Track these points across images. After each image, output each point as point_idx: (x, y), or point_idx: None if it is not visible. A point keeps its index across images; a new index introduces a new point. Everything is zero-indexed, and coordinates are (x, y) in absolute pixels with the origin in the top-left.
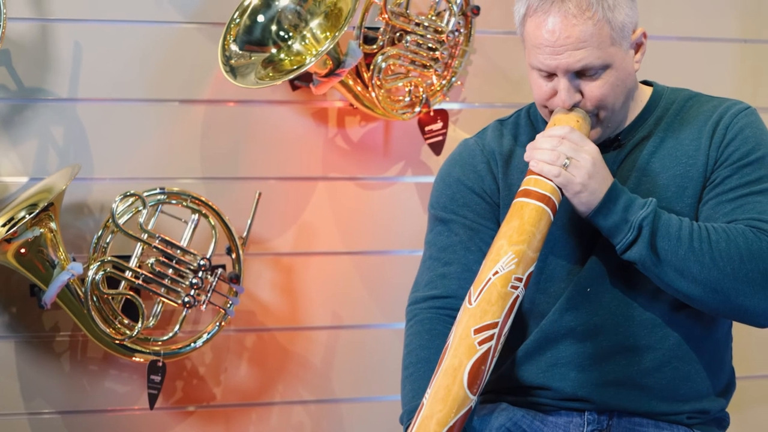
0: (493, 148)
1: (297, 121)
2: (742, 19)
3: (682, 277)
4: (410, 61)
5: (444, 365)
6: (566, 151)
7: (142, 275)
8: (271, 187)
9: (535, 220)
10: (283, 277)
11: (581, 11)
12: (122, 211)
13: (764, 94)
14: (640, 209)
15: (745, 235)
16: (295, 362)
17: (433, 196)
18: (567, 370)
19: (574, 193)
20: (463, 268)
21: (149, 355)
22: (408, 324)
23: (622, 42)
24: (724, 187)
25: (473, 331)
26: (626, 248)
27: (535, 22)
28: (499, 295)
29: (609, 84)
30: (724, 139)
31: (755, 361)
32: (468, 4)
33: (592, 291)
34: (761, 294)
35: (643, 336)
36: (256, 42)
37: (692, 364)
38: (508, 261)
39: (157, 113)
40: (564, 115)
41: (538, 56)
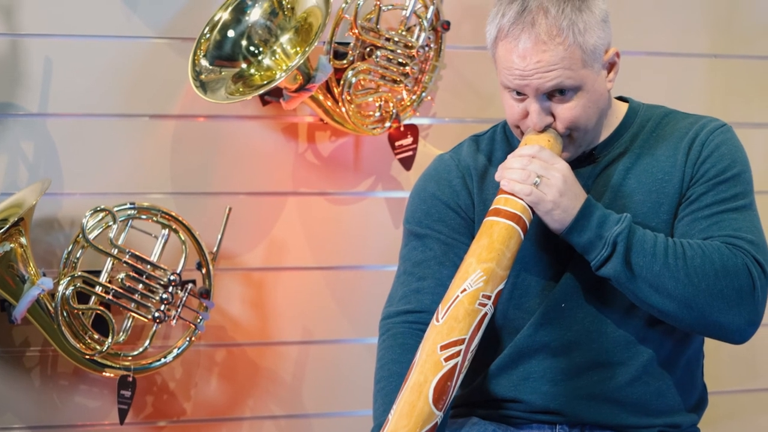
0: (468, 163)
1: (267, 136)
2: (712, 34)
3: (656, 293)
4: (380, 76)
5: (410, 381)
6: (537, 170)
7: (112, 290)
8: (242, 202)
9: (505, 239)
10: (253, 292)
11: (551, 37)
12: (92, 226)
13: (734, 109)
14: (614, 225)
15: (721, 252)
16: (265, 377)
17: (408, 211)
18: (539, 383)
19: (546, 211)
20: (437, 283)
21: (119, 370)
22: (381, 338)
23: (594, 64)
24: (700, 203)
25: (439, 347)
26: (601, 264)
27: (506, 46)
28: (466, 312)
29: (581, 106)
30: (699, 156)
31: (726, 377)
32: (438, 19)
33: (566, 307)
34: (735, 310)
35: (616, 352)
36: (227, 57)
37: (664, 380)
38: (477, 279)
39: (127, 128)
40: (535, 135)
41: (509, 77)
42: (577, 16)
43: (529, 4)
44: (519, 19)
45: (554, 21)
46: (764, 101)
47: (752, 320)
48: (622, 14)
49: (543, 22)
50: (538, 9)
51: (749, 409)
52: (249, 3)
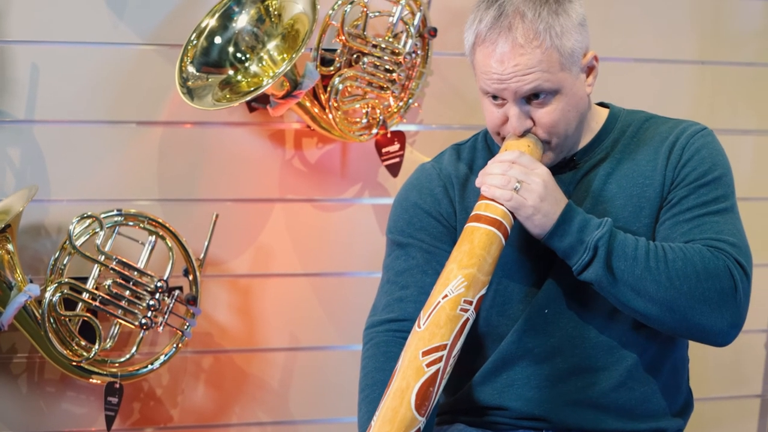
0: (449, 171)
1: (254, 142)
2: (699, 41)
3: (638, 297)
4: (367, 83)
5: (392, 387)
6: (517, 175)
7: (99, 297)
8: (228, 208)
9: (486, 244)
10: (240, 298)
11: (528, 40)
12: (79, 232)
13: (721, 115)
14: (595, 229)
15: (702, 254)
16: (252, 384)
17: (390, 220)
18: (524, 390)
19: (527, 216)
20: (420, 291)
21: (106, 376)
22: (364, 347)
23: (572, 67)
24: (681, 207)
25: (421, 353)
26: (582, 269)
27: (483, 51)
28: (448, 318)
29: (559, 110)
30: (680, 160)
31: (712, 384)
32: (425, 26)
33: (549, 312)
34: (718, 313)
35: (600, 357)
36: (213, 64)
37: (649, 385)
38: (458, 284)
39: (114, 135)
40: (515, 141)
41: (487, 82)
42: (554, 20)
43: (505, 8)
44: (496, 23)
45: (531, 25)
46: (751, 107)
47: (735, 322)
48: (609, 20)
49: (520, 26)
50: (514, 13)
51: (735, 415)
52: (236, 9)
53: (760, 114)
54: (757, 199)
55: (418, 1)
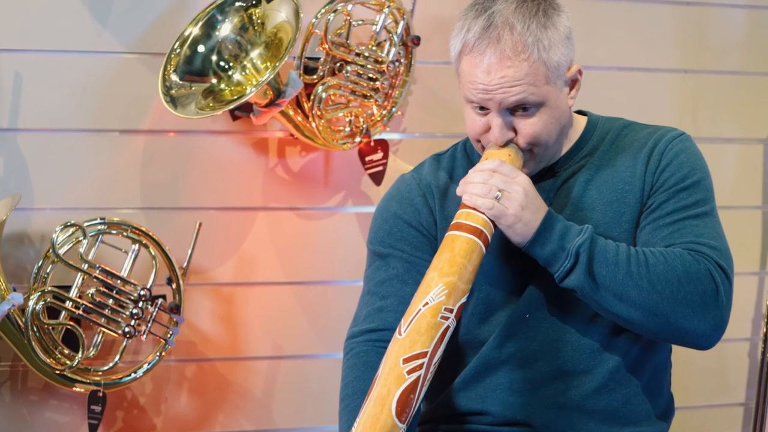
0: (429, 181)
1: (237, 151)
2: (682, 50)
3: (621, 302)
4: (351, 92)
5: (373, 394)
6: (498, 184)
7: (82, 305)
8: (212, 217)
9: (466, 252)
10: (223, 307)
11: (516, 53)
12: (63, 241)
13: (705, 123)
14: (576, 236)
15: (683, 258)
16: (235, 392)
17: (371, 231)
18: (505, 395)
19: (508, 225)
20: (400, 301)
21: (90, 385)
22: (345, 358)
23: (557, 80)
24: (661, 211)
25: (402, 360)
26: (564, 276)
27: (470, 61)
28: (428, 326)
29: (542, 122)
30: (659, 165)
31: (696, 392)
32: (408, 35)
33: (531, 318)
34: (700, 316)
35: (582, 361)
36: (197, 72)
37: (630, 387)
38: (439, 292)
39: (97, 143)
40: (496, 150)
41: (472, 92)
42: (543, 33)
43: (494, 19)
44: (484, 34)
45: (519, 37)
46: (734, 116)
47: (717, 325)
48: (592, 29)
49: (509, 38)
50: (503, 25)
51: (719, 423)
52: (219, 18)
53: (743, 122)
54: (740, 208)
55: (401, 10)
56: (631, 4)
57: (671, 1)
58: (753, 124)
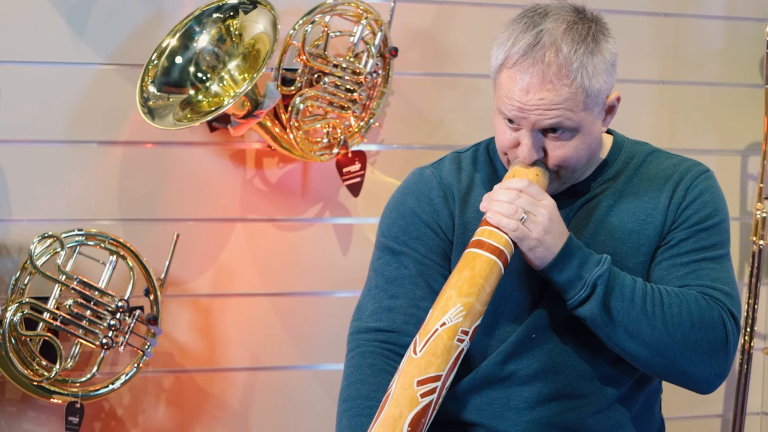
0: (450, 182)
1: (215, 162)
2: (660, 61)
3: (631, 339)
4: (328, 103)
5: (384, 414)
6: (524, 205)
7: (60, 317)
8: (189, 228)
9: (487, 273)
10: (201, 318)
11: (559, 77)
12: (40, 252)
13: (682, 133)
14: (594, 267)
15: (698, 302)
16: (213, 404)
17: (384, 223)
18: (502, 410)
19: (530, 248)
20: (410, 303)
21: (67, 396)
22: (350, 354)
23: (595, 108)
24: (680, 249)
25: (417, 382)
26: (578, 304)
27: (510, 75)
28: (445, 348)
29: (574, 147)
30: (683, 201)
31: (677, 403)
32: (386, 46)
33: (536, 338)
34: (707, 362)
35: (580, 386)
36: (174, 83)
37: (623, 414)
38: (456, 313)
39: (75, 154)
40: (524, 168)
41: (507, 107)
42: (588, 60)
43: (542, 38)
44: (530, 52)
45: (565, 61)
46: (712, 127)
47: (721, 373)
48: None
49: (554, 61)
50: (551, 45)
51: None
52: (197, 29)
53: (721, 134)
54: None
55: (379, 21)
56: (608, 15)
57: (649, 12)
58: (730, 136)
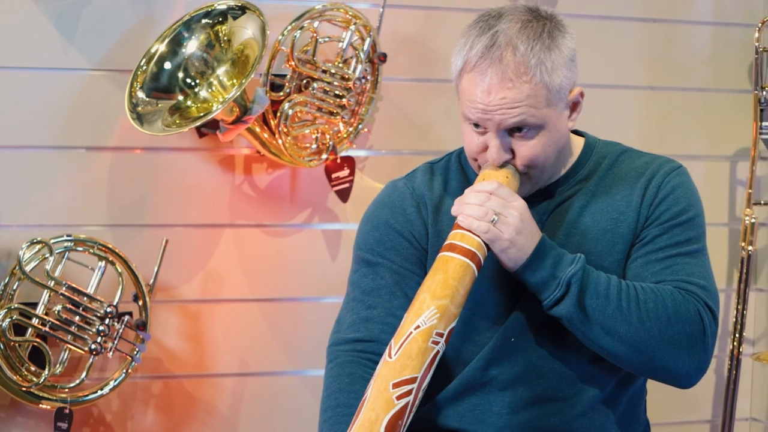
0: (423, 192)
1: (204, 168)
2: (649, 67)
3: (608, 336)
4: (317, 108)
5: (361, 418)
6: (495, 207)
7: (49, 322)
8: (178, 234)
9: (460, 275)
10: (190, 324)
11: (518, 75)
12: (29, 258)
13: (670, 139)
14: (568, 266)
15: (674, 297)
16: (202, 409)
17: (359, 236)
18: (485, 415)
19: (502, 249)
20: (387, 313)
21: (56, 402)
22: (329, 365)
23: (558, 103)
24: (654, 246)
25: (392, 385)
26: (553, 304)
27: (471, 79)
28: (419, 350)
29: (541, 144)
30: (656, 198)
31: (666, 409)
32: (375, 51)
33: (515, 341)
34: (685, 356)
35: (563, 388)
36: (163, 89)
37: (607, 416)
38: (431, 315)
39: (63, 160)
40: (493, 171)
41: (471, 110)
42: (546, 55)
43: (498, 39)
44: (487, 53)
45: (522, 59)
46: (700, 133)
47: (700, 366)
48: None
49: (511, 59)
50: (507, 45)
51: None
52: (185, 35)
53: (710, 139)
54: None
55: (367, 27)
56: (597, 21)
57: (637, 18)
58: (719, 141)
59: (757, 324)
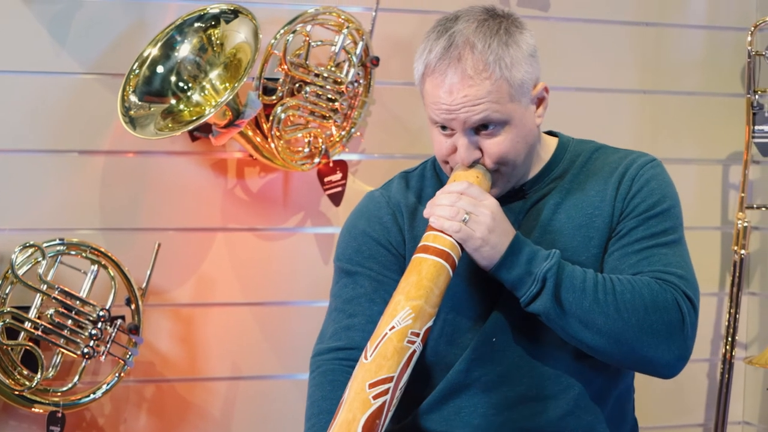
0: (398, 200)
1: (196, 171)
2: (641, 70)
3: (586, 329)
4: (310, 112)
5: (339, 419)
6: (465, 206)
7: (41, 326)
8: (171, 237)
9: (433, 276)
10: (182, 327)
11: (478, 72)
12: (22, 261)
13: (664, 144)
14: (543, 261)
15: (650, 287)
16: (194, 413)
17: (338, 248)
18: (471, 417)
19: (475, 248)
20: (367, 320)
21: (49, 406)
22: (311, 376)
23: (522, 98)
24: (630, 238)
25: (368, 385)
26: (530, 301)
27: (433, 81)
28: (395, 350)
29: (509, 140)
30: (630, 191)
31: (656, 413)
32: (367, 55)
33: (497, 341)
34: (665, 345)
35: (547, 386)
36: (156, 93)
37: (595, 414)
38: (405, 316)
39: (56, 164)
40: (463, 172)
41: (436, 112)
42: (504, 51)
43: (455, 39)
44: (445, 54)
45: (480, 56)
46: (693, 137)
47: (682, 355)
48: (551, 50)
49: (469, 58)
50: (464, 44)
51: None
52: (178, 39)
53: (702, 143)
54: (698, 228)
55: (360, 31)
56: (589, 25)
57: (629, 22)
58: (712, 145)
59: (749, 327)
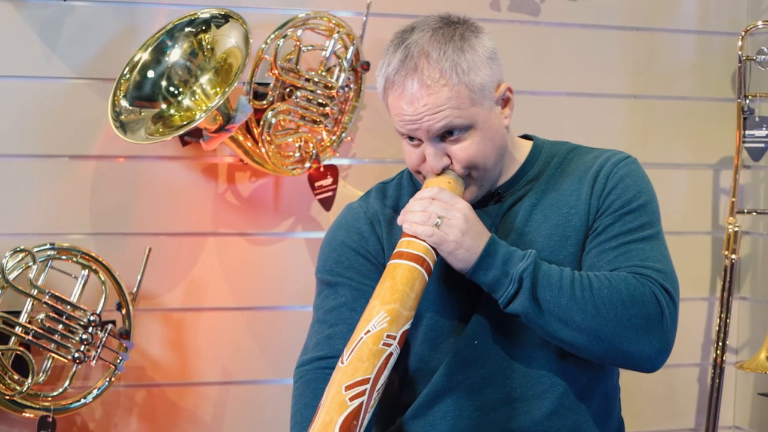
0: (376, 210)
1: (187, 176)
2: (632, 75)
3: (565, 327)
4: (300, 117)
5: (316, 422)
6: (437, 211)
7: (32, 331)
8: (162, 242)
9: (408, 280)
10: (173, 332)
11: (435, 80)
12: (12, 266)
13: (654, 148)
14: (519, 261)
15: (627, 281)
16: (184, 418)
17: (319, 260)
18: (456, 421)
19: (450, 251)
20: (349, 328)
21: (39, 410)
22: (294, 386)
23: (484, 101)
24: (607, 235)
25: (344, 387)
26: (508, 301)
27: (393, 94)
28: (370, 353)
29: (475, 144)
30: (605, 188)
31: (645, 416)
32: (358, 60)
33: (479, 344)
34: (645, 338)
35: (530, 386)
36: (146, 98)
37: (580, 413)
38: (381, 320)
39: (47, 168)
40: (435, 178)
41: (400, 124)
42: (460, 57)
43: (411, 50)
44: (402, 66)
45: (436, 64)
46: (683, 141)
47: (662, 348)
48: (542, 55)
49: (426, 67)
50: (419, 54)
51: None
52: (169, 43)
53: (693, 148)
54: (689, 233)
55: (350, 36)
56: (579, 30)
57: (620, 27)
58: (702, 150)
59: (740, 332)
